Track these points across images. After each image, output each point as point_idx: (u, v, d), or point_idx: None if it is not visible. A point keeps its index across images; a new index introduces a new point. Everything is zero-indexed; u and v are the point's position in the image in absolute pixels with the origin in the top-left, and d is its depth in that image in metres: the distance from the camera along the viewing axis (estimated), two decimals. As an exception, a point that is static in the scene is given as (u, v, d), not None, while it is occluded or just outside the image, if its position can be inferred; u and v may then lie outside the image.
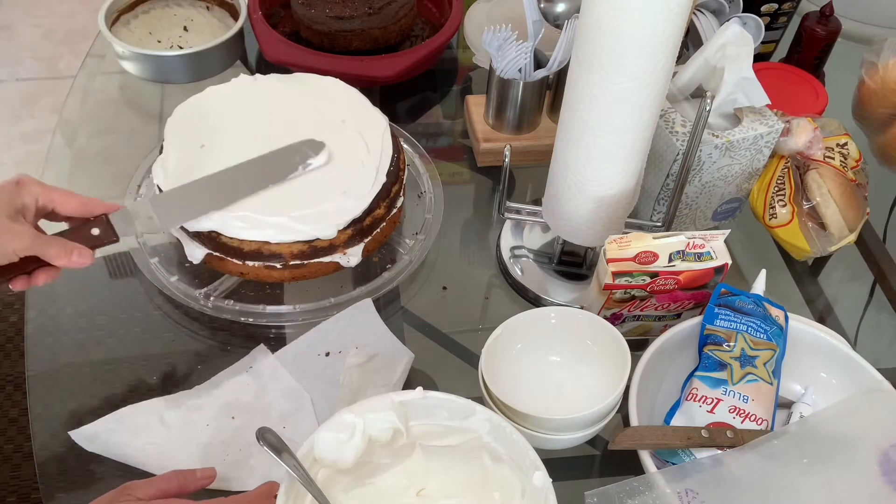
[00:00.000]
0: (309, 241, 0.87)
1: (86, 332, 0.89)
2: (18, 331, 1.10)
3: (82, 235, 0.76)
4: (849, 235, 0.95)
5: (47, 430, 0.80)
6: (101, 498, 0.67)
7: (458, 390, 0.73)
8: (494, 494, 0.72)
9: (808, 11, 1.17)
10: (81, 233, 0.77)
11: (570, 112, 0.80)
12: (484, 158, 1.08)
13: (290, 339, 0.88)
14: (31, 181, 0.75)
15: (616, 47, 0.72)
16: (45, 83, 2.34)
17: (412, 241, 0.97)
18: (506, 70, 1.01)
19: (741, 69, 0.87)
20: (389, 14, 1.13)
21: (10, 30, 2.50)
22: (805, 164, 0.96)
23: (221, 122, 0.94)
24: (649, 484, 0.70)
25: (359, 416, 0.70)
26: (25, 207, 0.74)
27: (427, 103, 1.19)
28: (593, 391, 0.80)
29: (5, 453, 1.01)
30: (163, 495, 0.68)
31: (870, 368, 0.80)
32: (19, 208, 0.74)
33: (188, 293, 0.89)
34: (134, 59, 1.15)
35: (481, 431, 0.71)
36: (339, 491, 0.72)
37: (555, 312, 0.83)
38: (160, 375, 0.86)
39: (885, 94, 1.04)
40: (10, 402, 1.05)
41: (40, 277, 0.76)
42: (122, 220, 0.79)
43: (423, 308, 0.94)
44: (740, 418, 0.74)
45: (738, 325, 0.79)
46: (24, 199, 0.74)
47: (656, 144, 0.91)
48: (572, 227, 0.88)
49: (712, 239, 0.81)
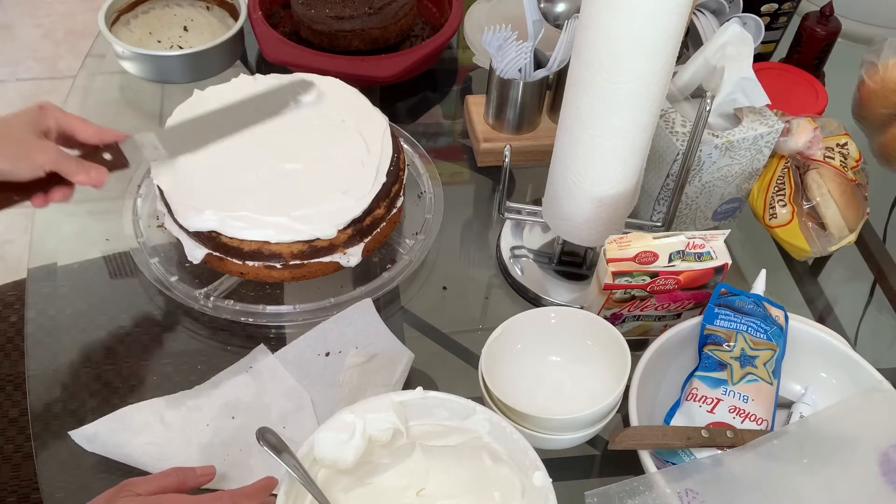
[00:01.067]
0: (309, 241, 0.87)
1: (86, 332, 0.89)
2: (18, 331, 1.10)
3: (96, 159, 0.81)
4: (849, 235, 0.95)
5: (47, 430, 0.81)
6: (100, 496, 0.67)
7: (458, 390, 0.73)
8: (494, 494, 0.72)
9: (808, 11, 1.17)
10: (95, 157, 0.81)
11: (570, 112, 0.80)
12: (484, 158, 1.08)
13: (290, 339, 0.88)
14: (52, 106, 0.81)
15: (616, 47, 0.72)
16: (45, 83, 2.34)
17: (412, 241, 0.97)
18: (506, 70, 1.01)
19: (741, 69, 0.87)
20: (389, 14, 1.13)
21: (10, 30, 2.51)
22: (805, 164, 0.96)
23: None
24: (649, 484, 0.70)
25: (359, 416, 0.70)
26: (49, 130, 0.79)
27: (427, 103, 1.19)
28: (593, 391, 0.80)
29: (5, 453, 1.01)
30: (162, 492, 0.69)
31: (870, 368, 0.80)
32: (44, 130, 0.79)
33: (188, 293, 0.89)
34: (134, 59, 1.15)
35: (481, 431, 0.71)
36: (339, 491, 0.72)
37: (555, 312, 0.83)
38: (160, 375, 0.86)
39: (885, 94, 1.04)
40: (10, 402, 1.05)
41: (56, 195, 0.80)
42: (132, 148, 0.84)
43: (423, 308, 0.94)
44: (740, 418, 0.74)
45: (738, 325, 0.79)
46: (47, 121, 0.79)
47: (656, 144, 0.91)
48: (572, 227, 0.88)
49: (712, 239, 0.81)
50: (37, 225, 0.99)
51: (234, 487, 0.76)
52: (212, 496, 0.69)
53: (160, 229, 0.95)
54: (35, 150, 0.77)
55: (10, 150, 0.76)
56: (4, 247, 1.98)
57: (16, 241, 1.99)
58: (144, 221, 0.96)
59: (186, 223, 0.87)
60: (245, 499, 0.68)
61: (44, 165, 0.77)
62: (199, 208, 0.86)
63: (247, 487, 0.70)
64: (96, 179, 0.80)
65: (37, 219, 0.99)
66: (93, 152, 0.82)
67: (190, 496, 0.69)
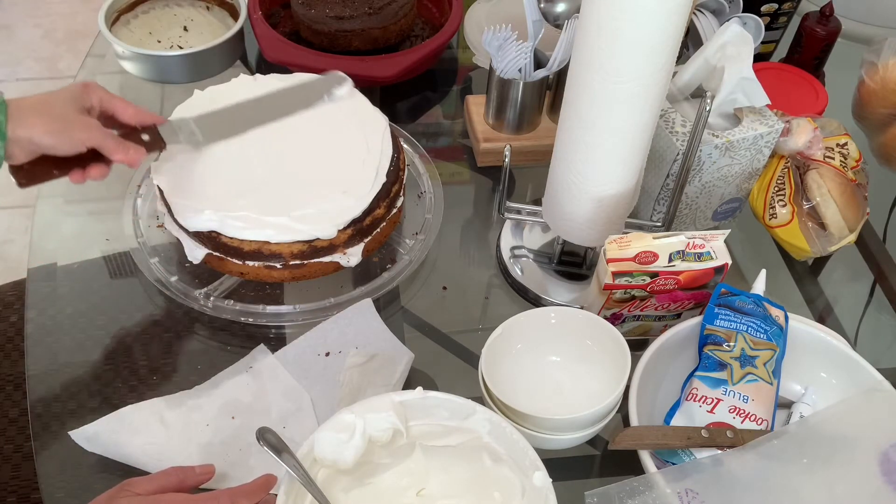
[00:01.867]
0: (309, 241, 0.87)
1: (86, 332, 0.89)
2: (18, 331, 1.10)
3: (134, 139, 0.83)
4: (849, 235, 0.95)
5: (47, 430, 0.81)
6: (100, 496, 0.67)
7: (458, 390, 0.73)
8: (494, 494, 0.72)
9: (808, 11, 1.17)
10: (133, 137, 0.84)
11: (570, 112, 0.80)
12: (484, 158, 1.08)
13: (290, 339, 0.88)
14: (96, 85, 0.83)
15: (616, 47, 0.72)
16: (45, 83, 2.34)
17: (412, 241, 0.97)
18: (506, 70, 1.01)
19: (741, 69, 0.87)
20: (389, 14, 1.13)
21: (10, 30, 2.51)
22: (805, 164, 0.96)
23: (221, 122, 0.94)
24: (649, 484, 0.70)
25: (359, 416, 0.70)
26: (91, 107, 0.82)
27: (427, 103, 1.19)
28: (593, 391, 0.80)
29: (5, 453, 1.01)
30: (162, 491, 0.69)
31: (870, 368, 0.80)
32: (87, 107, 0.81)
33: (188, 293, 0.89)
34: (134, 59, 1.15)
35: (481, 431, 0.71)
36: (339, 491, 0.72)
37: (555, 312, 0.83)
38: (160, 375, 0.86)
39: (885, 94, 1.04)
40: (10, 402, 1.05)
41: (94, 171, 0.82)
42: (169, 131, 0.87)
43: (423, 308, 0.94)
44: (740, 418, 0.74)
45: (738, 325, 0.79)
46: (90, 99, 0.82)
47: (656, 144, 0.91)
48: (572, 227, 0.88)
49: (712, 239, 0.81)
50: (37, 225, 0.99)
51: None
52: (209, 495, 0.69)
53: (160, 229, 0.95)
54: (77, 126, 0.78)
55: (53, 126, 0.77)
56: (4, 247, 1.98)
57: (16, 241, 1.99)
58: (144, 221, 0.96)
59: (186, 223, 0.87)
60: (243, 497, 0.68)
61: (85, 141, 0.79)
62: (199, 208, 0.86)
63: (245, 485, 0.70)
64: (134, 158, 0.82)
65: (37, 219, 0.99)
66: (131, 132, 0.84)
67: (188, 495, 0.69)
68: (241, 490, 0.69)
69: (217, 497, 0.68)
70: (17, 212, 2.03)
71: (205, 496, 0.69)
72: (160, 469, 0.74)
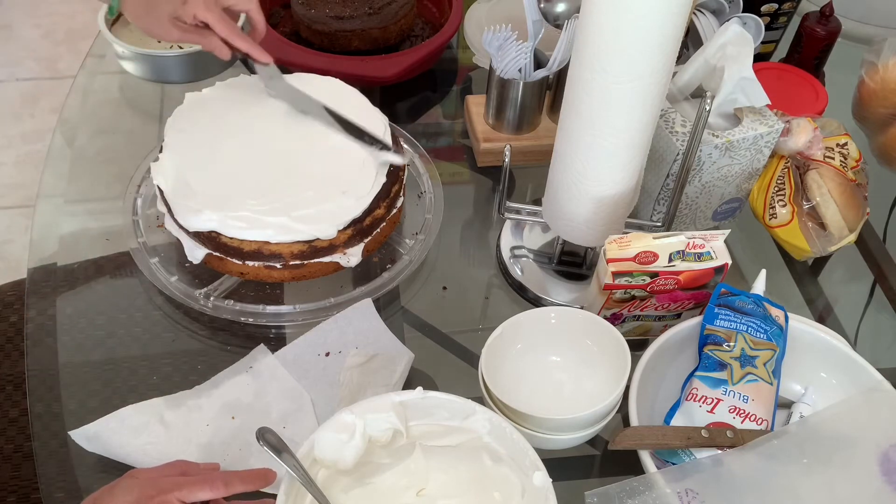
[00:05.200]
0: (309, 241, 0.87)
1: (86, 333, 0.89)
2: (18, 331, 1.10)
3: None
4: (849, 235, 0.95)
5: (47, 430, 0.81)
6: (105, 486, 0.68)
7: (458, 390, 0.73)
8: (494, 494, 0.72)
9: (808, 11, 1.17)
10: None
11: (570, 112, 0.80)
12: (484, 158, 1.08)
13: (290, 339, 0.88)
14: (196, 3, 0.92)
15: (616, 47, 0.72)
16: (45, 83, 2.34)
17: (412, 241, 0.97)
18: (506, 70, 1.01)
19: (741, 69, 0.87)
20: (389, 14, 1.13)
21: (10, 30, 2.50)
22: (805, 164, 0.96)
23: (221, 121, 0.94)
24: (649, 484, 0.70)
25: (359, 416, 0.70)
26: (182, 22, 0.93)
27: (427, 103, 1.19)
28: (593, 391, 0.80)
29: (5, 453, 1.01)
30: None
31: (870, 368, 0.80)
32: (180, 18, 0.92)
33: (188, 293, 0.89)
34: (134, 59, 1.15)
35: (481, 431, 0.71)
36: (339, 491, 0.72)
37: (555, 312, 0.83)
38: (160, 375, 0.86)
39: (885, 94, 1.04)
40: (10, 402, 1.05)
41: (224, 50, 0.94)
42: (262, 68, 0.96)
43: (423, 308, 0.94)
44: (740, 418, 0.74)
45: (738, 325, 0.79)
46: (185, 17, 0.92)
47: (656, 144, 0.91)
48: (572, 227, 0.88)
49: (712, 239, 0.81)
50: (37, 225, 0.99)
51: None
52: (204, 475, 0.69)
53: (160, 229, 0.95)
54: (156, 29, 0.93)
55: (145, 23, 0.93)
56: (4, 247, 1.98)
57: (16, 241, 1.99)
58: (144, 221, 0.96)
59: (186, 223, 0.87)
60: (238, 481, 0.69)
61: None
62: (199, 208, 0.86)
63: (242, 471, 0.70)
64: (223, 50, 0.94)
65: (37, 219, 0.99)
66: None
67: (182, 477, 0.69)
68: (237, 474, 0.70)
69: (210, 477, 0.68)
70: (17, 212, 2.04)
71: (199, 477, 0.68)
72: (160, 469, 0.74)
